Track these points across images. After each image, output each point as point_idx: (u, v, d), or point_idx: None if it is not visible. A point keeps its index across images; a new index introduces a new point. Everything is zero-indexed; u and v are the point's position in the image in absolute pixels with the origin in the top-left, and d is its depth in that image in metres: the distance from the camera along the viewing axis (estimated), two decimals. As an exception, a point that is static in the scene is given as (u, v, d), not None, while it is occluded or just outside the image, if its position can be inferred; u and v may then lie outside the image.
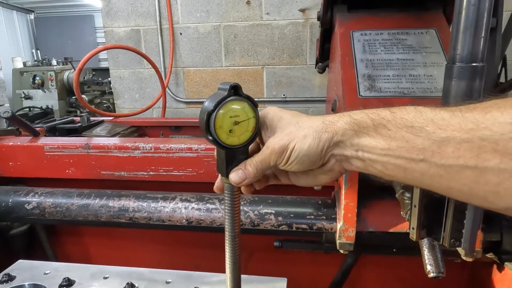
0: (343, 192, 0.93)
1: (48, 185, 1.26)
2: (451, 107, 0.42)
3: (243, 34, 2.77)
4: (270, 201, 1.07)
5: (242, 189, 0.60)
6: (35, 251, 1.53)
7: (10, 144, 1.37)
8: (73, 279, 0.80)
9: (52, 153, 1.34)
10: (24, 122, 1.40)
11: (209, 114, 0.51)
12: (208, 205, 1.08)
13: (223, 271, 0.70)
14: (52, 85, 5.73)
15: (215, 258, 1.29)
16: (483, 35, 0.53)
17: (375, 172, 0.49)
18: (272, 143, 0.54)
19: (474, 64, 0.54)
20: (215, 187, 0.62)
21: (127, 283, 0.78)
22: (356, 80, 1.02)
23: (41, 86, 5.72)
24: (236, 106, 0.53)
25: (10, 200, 1.17)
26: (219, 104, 0.52)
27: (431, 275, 0.67)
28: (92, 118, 1.89)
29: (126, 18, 2.94)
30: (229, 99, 0.52)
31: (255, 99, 0.56)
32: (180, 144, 1.27)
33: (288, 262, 1.40)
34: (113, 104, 6.60)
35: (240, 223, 0.63)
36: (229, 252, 0.64)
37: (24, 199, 1.16)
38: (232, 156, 0.56)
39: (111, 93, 6.61)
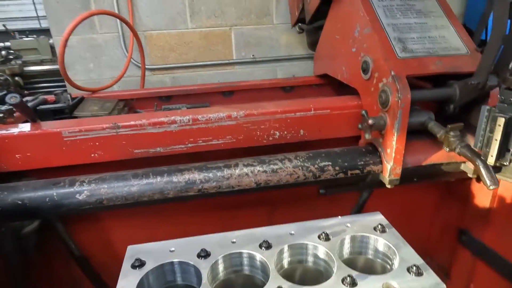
0: (394, 138, 1.13)
1: (65, 173, 1.17)
2: None
3: (208, -7, 2.59)
4: (323, 154, 1.21)
5: None
6: (46, 247, 1.42)
7: (15, 134, 1.19)
8: (209, 250, 0.85)
9: (73, 138, 1.23)
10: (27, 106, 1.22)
11: None
12: (271, 166, 1.17)
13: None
14: None
15: (273, 213, 1.47)
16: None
17: None
18: None
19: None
20: None
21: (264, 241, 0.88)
22: (390, 42, 1.19)
23: None
24: None
25: (55, 194, 1.07)
26: None
27: (492, 187, 0.93)
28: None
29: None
30: None
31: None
32: (218, 113, 1.29)
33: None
34: (12, 75, 5.60)
35: None
36: None
37: (72, 189, 1.08)
38: None
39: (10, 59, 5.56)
